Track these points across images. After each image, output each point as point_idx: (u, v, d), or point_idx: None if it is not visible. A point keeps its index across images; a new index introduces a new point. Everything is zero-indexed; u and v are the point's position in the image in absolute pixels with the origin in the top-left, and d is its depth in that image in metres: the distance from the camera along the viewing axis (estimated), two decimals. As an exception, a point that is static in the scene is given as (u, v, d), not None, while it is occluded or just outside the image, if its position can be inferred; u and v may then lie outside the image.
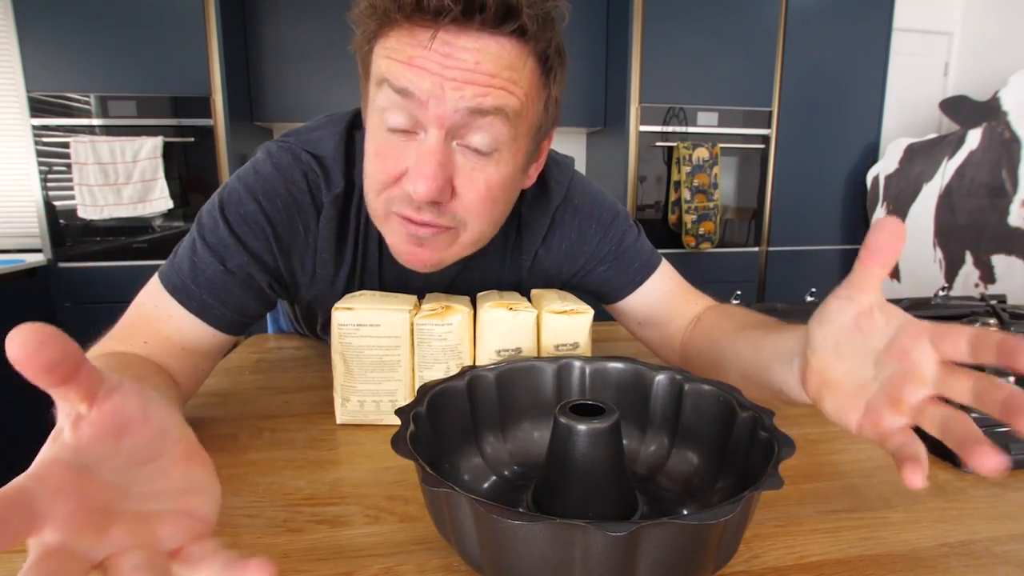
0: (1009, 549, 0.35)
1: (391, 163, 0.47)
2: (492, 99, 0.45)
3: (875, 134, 2.58)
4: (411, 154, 0.46)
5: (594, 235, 0.66)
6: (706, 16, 2.32)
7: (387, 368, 0.51)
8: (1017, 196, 1.93)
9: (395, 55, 0.45)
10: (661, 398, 0.43)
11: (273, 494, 0.41)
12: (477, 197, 0.48)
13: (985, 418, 0.49)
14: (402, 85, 0.44)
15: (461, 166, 0.47)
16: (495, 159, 0.48)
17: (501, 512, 0.25)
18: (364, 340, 0.51)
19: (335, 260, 0.58)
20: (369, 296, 0.53)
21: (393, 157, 0.47)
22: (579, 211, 0.66)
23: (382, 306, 0.51)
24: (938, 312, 0.88)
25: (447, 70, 0.43)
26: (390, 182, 0.48)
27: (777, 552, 0.34)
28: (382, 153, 0.48)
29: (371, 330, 0.50)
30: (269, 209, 0.54)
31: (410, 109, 0.45)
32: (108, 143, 1.99)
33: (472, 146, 0.46)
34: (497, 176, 0.48)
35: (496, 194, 0.49)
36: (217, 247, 0.52)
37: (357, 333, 0.50)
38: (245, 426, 0.52)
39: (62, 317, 2.08)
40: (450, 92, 0.44)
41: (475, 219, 0.50)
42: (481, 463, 0.41)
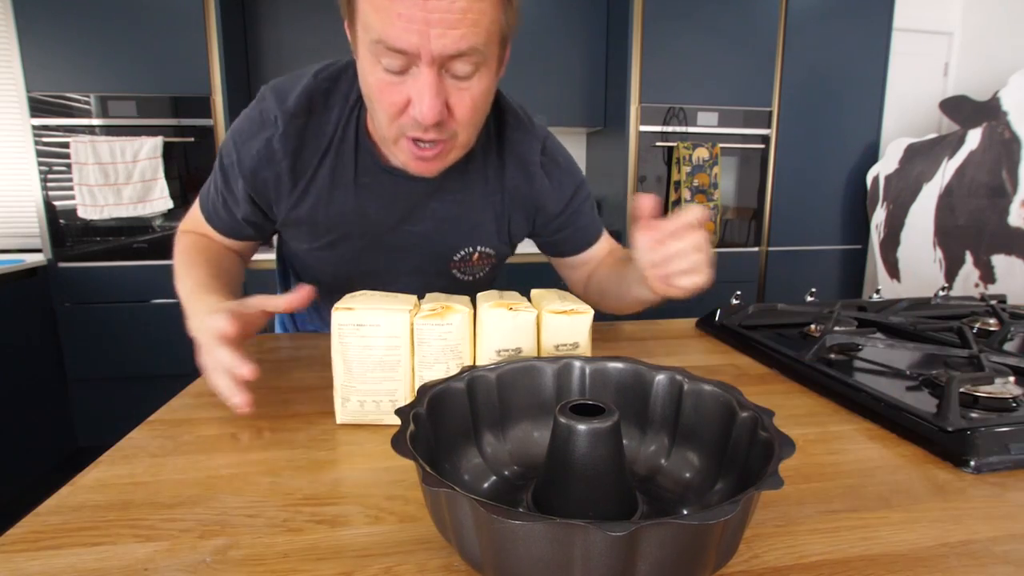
0: (1009, 549, 0.35)
1: (395, 96, 0.56)
2: (467, 41, 0.52)
3: (875, 134, 2.58)
4: (409, 86, 0.55)
5: (567, 189, 0.77)
6: (706, 16, 2.33)
7: (387, 368, 0.51)
8: (1017, 196, 1.93)
9: (380, 7, 0.51)
10: (661, 398, 0.43)
11: (273, 494, 0.41)
12: (467, 111, 0.58)
13: (988, 418, 0.49)
14: (396, 46, 0.52)
15: (451, 89, 0.56)
16: (476, 78, 0.57)
17: (501, 512, 0.25)
18: (364, 340, 0.51)
19: (292, 171, 0.68)
20: (369, 296, 0.53)
21: (395, 92, 0.56)
22: (559, 165, 0.77)
23: (382, 306, 0.51)
24: (938, 312, 0.88)
25: (430, 15, 0.50)
26: (397, 112, 0.57)
27: (777, 552, 0.34)
28: (385, 89, 0.56)
29: (371, 330, 0.50)
30: (240, 140, 0.67)
31: (403, 58, 0.53)
32: (108, 143, 1.99)
33: (457, 74, 0.55)
34: (480, 90, 0.58)
35: (480, 104, 0.60)
36: (220, 175, 0.70)
37: (357, 333, 0.50)
38: (245, 426, 0.52)
39: (62, 317, 2.08)
40: (435, 40, 0.51)
41: (465, 129, 0.61)
42: (481, 463, 0.41)
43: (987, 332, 0.79)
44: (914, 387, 0.58)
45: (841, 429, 0.52)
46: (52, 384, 2.09)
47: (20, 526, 0.36)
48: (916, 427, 0.49)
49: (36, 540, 0.35)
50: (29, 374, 1.98)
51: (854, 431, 0.52)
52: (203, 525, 0.36)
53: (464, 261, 0.78)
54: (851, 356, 0.69)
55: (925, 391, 0.57)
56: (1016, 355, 0.62)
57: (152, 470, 0.44)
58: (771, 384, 0.64)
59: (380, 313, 0.50)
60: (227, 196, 0.71)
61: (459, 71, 0.55)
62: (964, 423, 0.46)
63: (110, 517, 0.37)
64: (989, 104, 2.05)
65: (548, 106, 2.52)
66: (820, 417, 0.55)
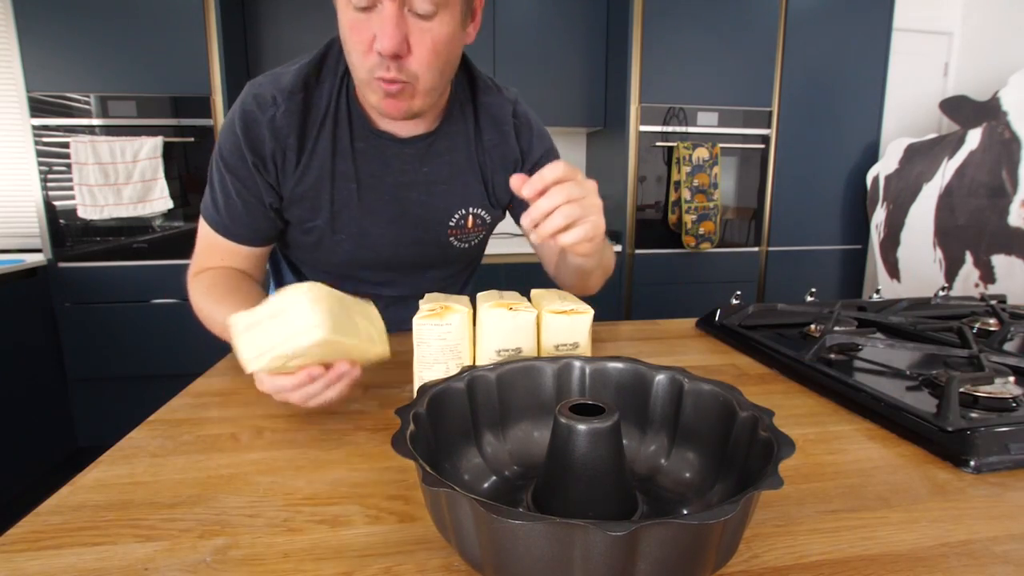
0: (1009, 549, 0.35)
1: (363, 33, 0.60)
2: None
3: (875, 134, 2.58)
4: (375, 21, 0.59)
5: (537, 151, 0.81)
6: (706, 16, 2.32)
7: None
8: (1017, 196, 1.93)
9: None
10: (661, 398, 0.43)
11: (273, 494, 0.41)
12: (426, 51, 0.61)
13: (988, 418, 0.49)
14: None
15: (412, 28, 0.60)
16: (437, 20, 0.60)
17: (501, 512, 0.25)
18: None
19: (298, 145, 0.70)
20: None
21: (362, 29, 0.60)
22: (531, 128, 0.81)
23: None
24: (938, 312, 0.88)
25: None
26: (365, 49, 0.61)
27: (777, 552, 0.34)
28: (355, 27, 0.60)
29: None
30: (239, 127, 0.68)
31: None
32: (108, 143, 1.99)
33: (417, 11, 0.59)
34: (441, 33, 0.61)
35: (440, 48, 0.62)
36: (220, 180, 0.71)
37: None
38: (245, 426, 0.52)
39: (62, 317, 2.08)
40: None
41: (426, 71, 0.63)
42: (481, 463, 0.41)
43: (987, 332, 0.79)
44: (914, 387, 0.58)
45: (841, 429, 0.52)
46: (52, 384, 2.09)
47: (20, 526, 0.36)
48: (916, 427, 0.49)
49: (36, 540, 0.35)
50: (29, 374, 1.98)
51: (854, 431, 0.52)
52: (203, 525, 0.36)
53: (460, 228, 0.81)
54: (851, 356, 0.69)
55: (925, 391, 0.57)
56: (1016, 355, 0.62)
57: (152, 470, 0.44)
58: (771, 384, 0.64)
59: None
60: (239, 191, 0.70)
61: (419, 8, 0.58)
62: (964, 423, 0.46)
63: (110, 517, 0.37)
64: (989, 104, 2.05)
65: (548, 106, 2.52)
66: (820, 417, 0.55)
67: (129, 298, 2.09)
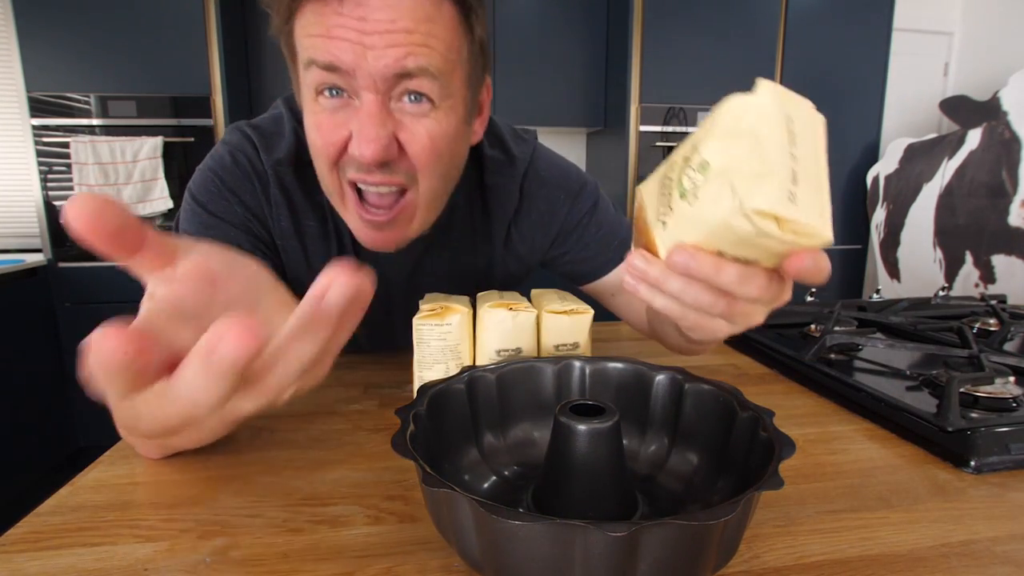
0: (1009, 549, 0.35)
1: (334, 132, 0.47)
2: (413, 60, 0.44)
3: (875, 134, 2.58)
4: (351, 120, 0.46)
5: (562, 205, 0.66)
6: (706, 16, 2.33)
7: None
8: (1017, 196, 1.93)
9: (313, 30, 0.45)
10: (661, 398, 0.43)
11: (273, 494, 0.41)
12: (423, 149, 0.48)
13: (988, 418, 0.49)
14: (327, 60, 0.44)
15: (402, 121, 0.47)
16: (435, 114, 0.48)
17: (501, 512, 0.25)
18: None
19: (295, 230, 0.59)
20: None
21: (334, 126, 0.47)
22: (546, 182, 0.66)
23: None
24: (938, 312, 0.88)
25: (366, 36, 0.43)
26: (337, 152, 0.48)
27: (777, 552, 0.34)
28: (323, 126, 0.47)
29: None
30: (229, 181, 0.56)
31: (340, 80, 0.45)
32: (108, 143, 1.99)
33: (408, 103, 0.47)
34: (439, 128, 0.48)
35: (441, 146, 0.49)
36: (203, 232, 0.54)
37: None
38: (245, 426, 0.52)
39: (62, 317, 2.08)
40: (372, 59, 0.44)
41: (425, 173, 0.50)
42: (481, 463, 0.41)
43: (987, 332, 0.79)
44: (914, 387, 0.58)
45: (841, 429, 0.52)
46: (52, 384, 2.09)
47: (20, 526, 0.36)
48: (916, 427, 0.49)
49: (36, 540, 0.35)
50: (29, 374, 1.98)
51: (854, 431, 0.52)
52: (203, 525, 0.36)
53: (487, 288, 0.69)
54: (851, 356, 0.69)
55: (925, 391, 0.57)
56: (1016, 355, 0.62)
57: (152, 470, 0.44)
58: (771, 384, 0.64)
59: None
60: (228, 235, 0.56)
61: (411, 102, 0.47)
62: (964, 423, 0.46)
63: (110, 517, 0.37)
64: (989, 104, 2.05)
65: (548, 106, 2.52)
66: (820, 417, 0.55)
67: (129, 298, 2.08)
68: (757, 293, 0.29)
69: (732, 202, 0.25)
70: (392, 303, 0.68)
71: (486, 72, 0.55)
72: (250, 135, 0.58)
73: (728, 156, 0.26)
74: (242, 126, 0.59)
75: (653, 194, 0.32)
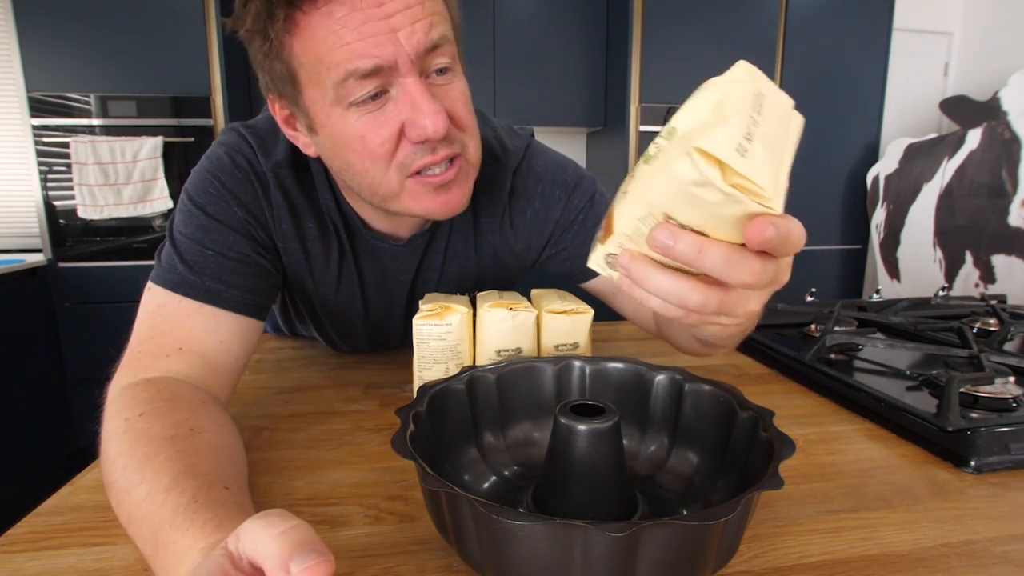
0: (1009, 549, 0.35)
1: (382, 131, 0.47)
2: (436, 30, 0.46)
3: (875, 134, 2.58)
4: (397, 111, 0.46)
5: (558, 200, 0.65)
6: (706, 16, 2.32)
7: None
8: (1017, 196, 1.93)
9: (347, 36, 0.43)
10: (661, 398, 0.43)
11: (273, 494, 0.41)
12: (464, 110, 0.50)
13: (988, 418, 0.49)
14: (371, 65, 0.44)
15: (438, 94, 0.48)
16: (454, 75, 0.50)
17: (501, 512, 0.25)
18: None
19: (296, 232, 0.58)
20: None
21: (380, 125, 0.47)
22: (541, 177, 0.65)
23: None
24: (938, 312, 0.88)
25: (392, 18, 0.43)
26: (392, 148, 0.48)
27: (777, 552, 0.34)
28: (368, 130, 0.47)
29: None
30: (229, 183, 0.54)
31: (381, 80, 0.45)
32: (108, 143, 1.99)
33: (438, 73, 0.48)
34: (464, 89, 0.51)
35: (470, 104, 0.52)
36: (200, 235, 0.51)
37: None
38: (245, 426, 0.52)
39: (62, 317, 2.08)
40: (404, 40, 0.44)
41: (469, 135, 0.52)
42: (481, 463, 0.41)
43: (987, 332, 0.79)
44: (914, 387, 0.58)
45: (841, 429, 0.52)
46: (52, 384, 2.09)
47: (20, 526, 0.36)
48: (916, 427, 0.49)
49: (36, 540, 0.35)
50: (29, 374, 1.98)
51: (854, 431, 0.52)
52: (203, 525, 0.36)
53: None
54: (851, 356, 0.69)
55: (925, 391, 0.57)
56: (1016, 355, 0.62)
57: (152, 470, 0.44)
58: (771, 384, 0.64)
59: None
60: (229, 244, 0.53)
61: (439, 69, 0.48)
62: (964, 423, 0.46)
63: (110, 517, 0.37)
64: (989, 104, 2.05)
65: (548, 106, 2.52)
66: (820, 417, 0.55)
67: (129, 298, 2.09)
68: (750, 278, 0.27)
69: (680, 150, 0.24)
70: (392, 304, 0.68)
71: (459, 27, 0.56)
72: (247, 136, 0.57)
73: (693, 119, 0.25)
74: (238, 127, 0.58)
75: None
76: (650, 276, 0.29)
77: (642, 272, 0.29)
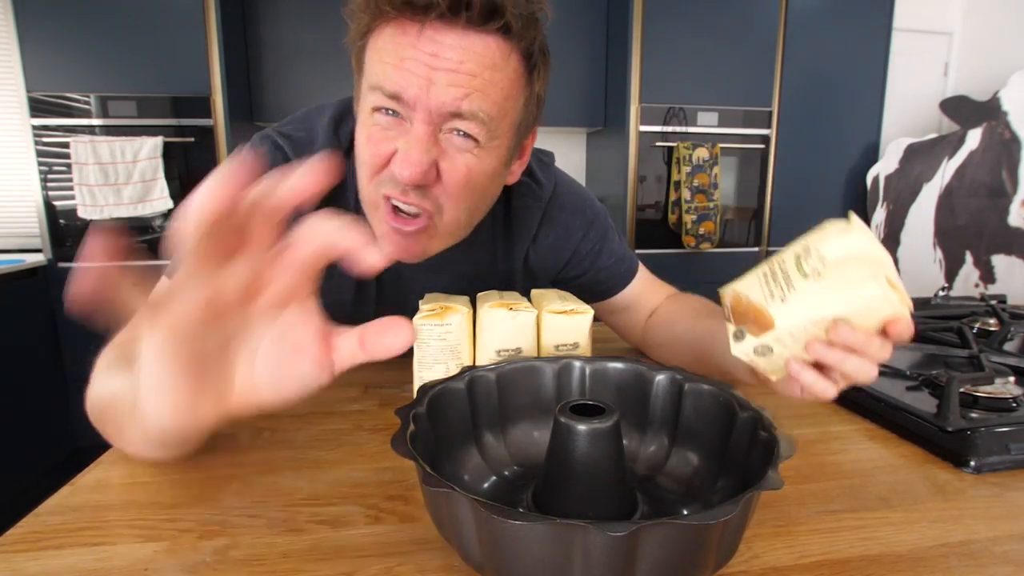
0: (1009, 549, 0.35)
1: (381, 146, 0.50)
2: (469, 103, 0.48)
3: (875, 134, 2.58)
4: (399, 138, 0.49)
5: (577, 231, 0.70)
6: (706, 16, 2.32)
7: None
8: (1017, 196, 1.93)
9: (386, 57, 0.48)
10: (661, 398, 0.43)
11: (273, 494, 0.41)
12: (458, 181, 0.51)
13: (988, 418, 0.49)
14: (393, 90, 0.47)
15: (446, 151, 0.50)
16: (477, 152, 0.51)
17: (501, 512, 0.25)
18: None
19: None
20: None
21: (382, 140, 0.50)
22: (565, 207, 0.70)
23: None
24: (938, 312, 0.88)
25: (433, 71, 0.46)
26: (380, 165, 0.51)
27: (777, 552, 0.34)
28: (373, 138, 0.50)
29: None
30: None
31: (398, 106, 0.49)
32: (108, 143, 1.99)
33: (455, 138, 0.50)
34: (478, 165, 0.51)
35: (475, 181, 0.52)
36: None
37: None
38: (245, 426, 0.52)
39: (62, 317, 2.08)
40: (434, 93, 0.47)
41: (452, 204, 0.52)
42: (481, 463, 0.41)
43: (987, 332, 0.79)
44: (914, 387, 0.58)
45: (841, 429, 0.52)
46: (52, 384, 2.09)
47: (20, 526, 0.36)
48: (916, 427, 0.49)
49: (36, 540, 0.35)
50: (29, 374, 1.98)
51: (854, 431, 0.52)
52: (203, 525, 0.36)
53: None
54: (851, 356, 0.69)
55: (925, 391, 0.57)
56: (1016, 355, 0.62)
57: (152, 470, 0.44)
58: (771, 384, 0.64)
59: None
60: None
61: (458, 135, 0.49)
62: (964, 423, 0.46)
63: (110, 517, 0.37)
64: (989, 104, 2.05)
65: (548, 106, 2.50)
66: (820, 417, 0.55)
67: (129, 298, 2.08)
68: (886, 357, 0.39)
69: (863, 273, 0.37)
70: (405, 309, 0.68)
71: (536, 123, 0.58)
72: (283, 147, 0.59)
73: (845, 252, 0.38)
74: (272, 136, 0.60)
75: (754, 284, 0.42)
76: (806, 372, 0.40)
77: (805, 370, 0.40)
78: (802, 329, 0.39)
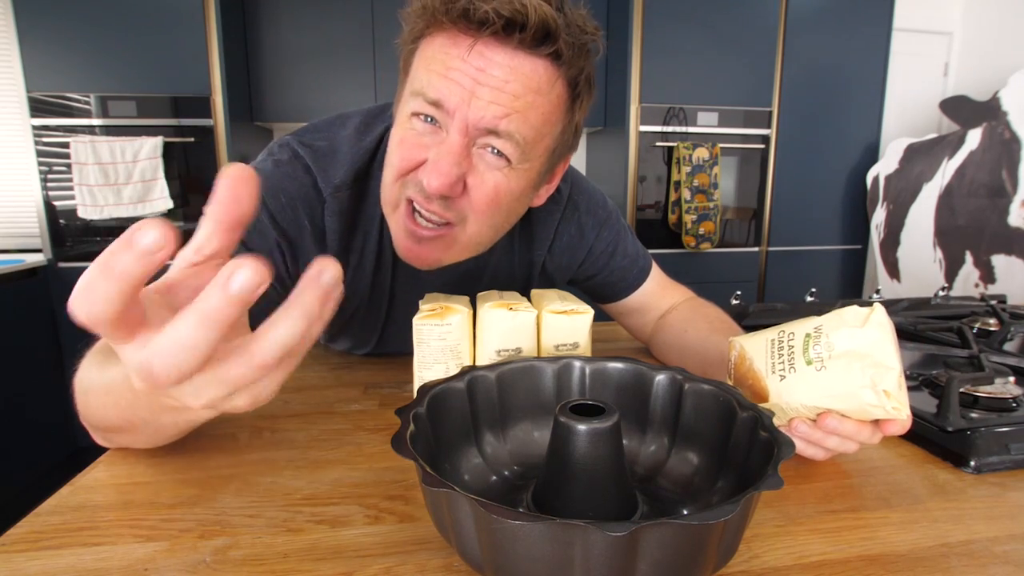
0: (1009, 549, 0.35)
1: (414, 151, 0.50)
2: (507, 123, 0.47)
3: (875, 134, 2.58)
4: (432, 147, 0.49)
5: (591, 231, 0.70)
6: (706, 16, 2.32)
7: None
8: (1017, 196, 1.93)
9: (433, 65, 0.48)
10: (661, 398, 0.43)
11: (273, 494, 0.41)
12: (484, 197, 0.51)
13: (988, 418, 0.49)
14: (435, 97, 0.47)
15: (476, 166, 0.50)
16: (507, 171, 0.51)
17: (501, 512, 0.25)
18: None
19: (342, 247, 0.59)
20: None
21: (415, 146, 0.50)
22: (578, 207, 0.70)
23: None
24: (938, 312, 0.88)
25: (478, 85, 0.46)
26: (408, 169, 0.51)
27: (777, 552, 0.34)
28: (406, 141, 0.50)
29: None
30: (272, 206, 0.55)
31: (437, 114, 0.49)
32: (108, 143, 1.99)
33: (488, 155, 0.50)
34: (507, 184, 0.51)
35: (502, 200, 0.52)
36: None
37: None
38: (245, 426, 0.52)
39: (62, 317, 2.08)
40: (475, 107, 0.47)
41: (476, 218, 0.52)
42: (481, 463, 0.41)
43: (987, 332, 0.79)
44: (914, 387, 0.58)
45: (841, 429, 0.52)
46: (52, 384, 2.09)
47: (20, 526, 0.36)
48: (916, 427, 0.49)
49: (36, 540, 0.35)
50: (29, 374, 1.98)
51: (854, 431, 0.52)
52: (203, 525, 0.36)
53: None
54: (851, 356, 0.69)
55: (925, 391, 0.57)
56: (1016, 355, 0.62)
57: (152, 470, 0.44)
58: (771, 384, 0.64)
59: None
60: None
61: (491, 152, 0.49)
62: (964, 423, 0.46)
63: (110, 517, 0.37)
64: (989, 104, 2.05)
65: (548, 106, 2.51)
66: (820, 417, 0.55)
67: (129, 298, 2.09)
68: (875, 443, 0.41)
69: (863, 379, 0.37)
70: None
71: (571, 151, 0.58)
72: (304, 157, 0.57)
73: (855, 346, 0.38)
74: (293, 145, 0.58)
75: (760, 350, 0.43)
76: (826, 440, 0.41)
77: (821, 437, 0.41)
78: (794, 410, 0.41)
